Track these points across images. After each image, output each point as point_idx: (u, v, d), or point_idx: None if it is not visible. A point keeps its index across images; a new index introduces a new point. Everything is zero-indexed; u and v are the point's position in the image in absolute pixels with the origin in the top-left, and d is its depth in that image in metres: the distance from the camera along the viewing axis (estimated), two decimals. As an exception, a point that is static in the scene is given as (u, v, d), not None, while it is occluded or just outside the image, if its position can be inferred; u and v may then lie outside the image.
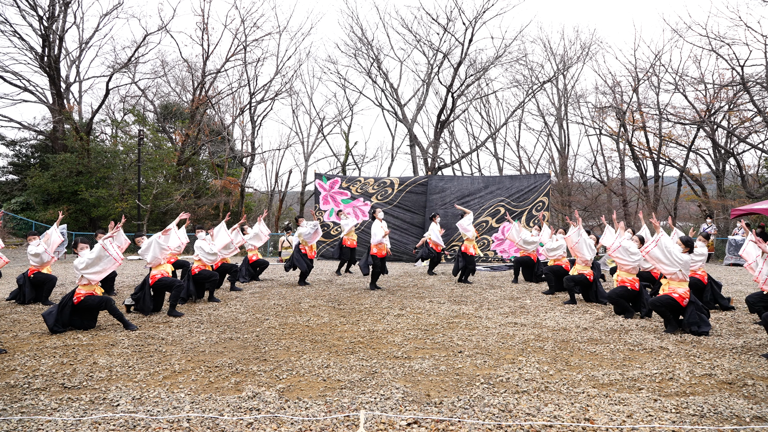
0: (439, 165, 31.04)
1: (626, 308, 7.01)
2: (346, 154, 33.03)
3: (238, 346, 5.36)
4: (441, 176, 21.97)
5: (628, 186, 30.29)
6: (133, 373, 4.39)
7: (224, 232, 9.24)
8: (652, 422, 3.36)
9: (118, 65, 25.52)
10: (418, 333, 5.95)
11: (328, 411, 3.55)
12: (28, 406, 3.64)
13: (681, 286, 6.07)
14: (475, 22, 26.81)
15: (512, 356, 4.98)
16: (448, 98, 28.87)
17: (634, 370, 4.52)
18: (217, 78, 27.83)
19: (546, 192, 15.54)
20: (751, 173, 27.67)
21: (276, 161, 48.71)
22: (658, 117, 27.22)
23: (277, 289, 9.59)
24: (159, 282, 7.17)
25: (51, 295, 8.29)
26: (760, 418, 3.45)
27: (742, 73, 22.73)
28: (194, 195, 26.44)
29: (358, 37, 29.08)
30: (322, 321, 6.65)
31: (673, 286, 6.10)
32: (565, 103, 31.68)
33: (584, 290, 8.41)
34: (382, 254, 9.61)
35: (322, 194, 16.56)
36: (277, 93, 29.79)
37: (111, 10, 25.11)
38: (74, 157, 23.13)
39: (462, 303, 8.03)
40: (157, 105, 29.21)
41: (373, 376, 4.34)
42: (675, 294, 6.04)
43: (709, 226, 16.82)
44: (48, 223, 21.28)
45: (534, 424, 3.32)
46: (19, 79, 23.60)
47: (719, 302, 7.69)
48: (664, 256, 6.08)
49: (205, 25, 26.34)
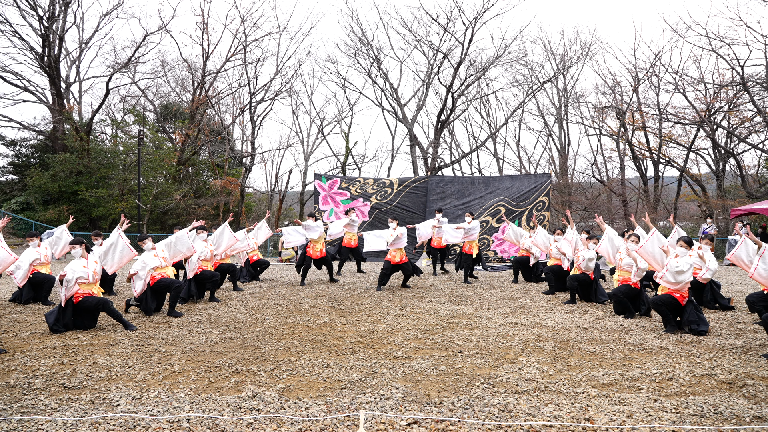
0: (439, 165, 31.05)
1: (627, 308, 7.01)
2: (346, 154, 33.04)
3: (238, 346, 5.36)
4: (441, 176, 21.98)
5: (628, 186, 30.30)
6: (133, 373, 4.39)
7: (228, 233, 9.17)
8: (652, 422, 3.36)
9: (118, 65, 25.53)
10: (418, 333, 5.95)
11: (328, 411, 3.55)
12: (28, 406, 3.64)
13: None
14: (475, 22, 26.82)
15: (512, 356, 4.98)
16: (448, 98, 28.89)
17: (634, 370, 4.52)
18: (217, 78, 27.86)
19: (546, 192, 15.54)
20: (751, 173, 27.67)
21: (276, 161, 48.74)
22: (658, 117, 27.24)
23: (277, 289, 9.59)
24: (158, 283, 7.17)
25: (51, 295, 8.29)
26: (760, 418, 3.45)
27: (742, 73, 22.74)
28: (194, 195, 26.45)
29: (358, 37, 29.11)
30: (322, 321, 6.65)
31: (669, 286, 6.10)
32: (565, 103, 31.69)
33: (584, 290, 8.41)
34: (395, 261, 9.61)
35: (321, 194, 16.55)
36: (277, 93, 29.81)
37: (111, 10, 25.14)
38: (74, 157, 23.13)
39: (462, 303, 8.03)
40: (157, 105, 29.21)
41: (373, 376, 4.34)
42: (676, 294, 6.05)
43: (709, 226, 16.83)
44: (48, 223, 21.29)
45: (534, 424, 3.32)
46: (19, 79, 23.62)
47: (719, 302, 7.68)
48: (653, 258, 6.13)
49: (205, 25, 26.35)
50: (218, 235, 9.02)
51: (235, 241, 9.29)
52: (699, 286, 7.56)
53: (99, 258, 6.53)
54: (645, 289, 7.72)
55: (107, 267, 6.77)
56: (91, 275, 6.16)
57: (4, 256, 6.05)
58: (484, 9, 26.51)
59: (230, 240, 9.11)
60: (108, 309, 6.06)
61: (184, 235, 7.61)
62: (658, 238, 6.41)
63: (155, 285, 7.17)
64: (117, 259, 6.79)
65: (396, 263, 9.60)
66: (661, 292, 6.28)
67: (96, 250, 6.78)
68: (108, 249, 6.74)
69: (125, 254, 6.83)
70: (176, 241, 7.56)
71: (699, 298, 7.63)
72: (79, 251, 6.19)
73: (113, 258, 6.77)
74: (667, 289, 6.16)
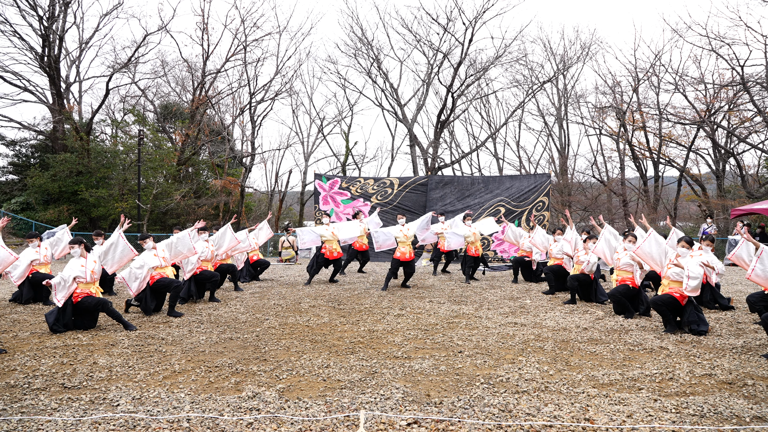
0: (439, 165, 31.05)
1: (626, 308, 7.01)
2: (346, 154, 33.04)
3: (238, 346, 5.36)
4: (441, 176, 21.97)
5: (628, 186, 30.30)
6: (133, 373, 4.39)
7: (230, 234, 9.17)
8: (652, 422, 3.36)
9: (118, 65, 25.52)
10: (418, 333, 5.95)
11: (328, 411, 3.55)
12: (28, 406, 3.64)
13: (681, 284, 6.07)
14: (475, 22, 26.83)
15: (512, 356, 4.98)
16: (448, 98, 28.89)
17: (634, 370, 4.52)
18: (217, 78, 27.85)
19: (546, 192, 15.54)
20: (751, 173, 27.67)
21: (276, 161, 48.73)
22: (658, 117, 27.24)
23: (277, 289, 9.59)
24: (158, 282, 7.17)
25: (51, 294, 8.30)
26: (760, 418, 3.45)
27: (742, 73, 22.74)
28: (194, 195, 26.45)
29: (358, 37, 29.11)
30: (322, 321, 6.65)
31: (674, 286, 6.10)
32: (565, 103, 31.68)
33: (584, 290, 8.41)
34: (404, 258, 9.65)
35: (321, 194, 16.55)
36: (277, 93, 29.80)
37: (111, 10, 25.13)
38: (74, 157, 23.13)
39: (462, 303, 8.03)
40: (157, 105, 29.21)
41: (373, 376, 4.34)
42: (676, 293, 6.05)
43: (709, 226, 16.82)
44: (48, 223, 21.28)
45: (534, 424, 3.32)
46: (19, 79, 23.62)
47: (719, 302, 7.68)
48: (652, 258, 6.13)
49: (205, 25, 26.35)
50: (220, 236, 9.02)
51: (237, 242, 9.29)
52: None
53: (99, 257, 6.53)
54: (645, 289, 7.72)
55: (107, 266, 6.77)
56: (89, 274, 6.16)
57: (5, 255, 6.05)
58: (484, 9, 26.53)
59: (232, 241, 9.11)
60: (107, 309, 6.06)
61: (186, 236, 7.61)
62: (656, 239, 6.41)
63: (155, 285, 7.17)
64: (117, 258, 6.78)
65: (405, 260, 9.62)
66: (661, 291, 6.28)
67: (96, 250, 6.79)
68: (108, 249, 6.74)
69: (125, 254, 6.83)
70: (177, 241, 7.55)
71: (699, 298, 7.63)
72: (78, 251, 6.19)
73: (113, 258, 6.76)
74: (668, 288, 6.16)
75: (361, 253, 11.97)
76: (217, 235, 9.07)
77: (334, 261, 10.47)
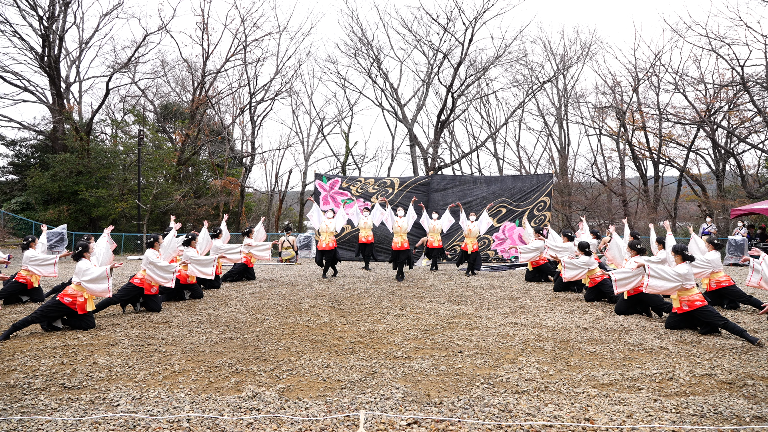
0: (439, 165, 31.05)
1: (635, 310, 7.13)
2: (346, 154, 33.04)
3: (238, 346, 5.36)
4: (442, 176, 21.97)
5: (628, 186, 30.29)
6: (133, 373, 4.39)
7: (225, 233, 9.28)
8: (652, 422, 3.36)
9: (118, 65, 25.54)
10: (418, 333, 5.95)
11: (328, 411, 3.55)
12: (28, 406, 3.64)
13: (691, 293, 6.05)
14: (475, 22, 26.83)
15: (512, 356, 4.98)
16: (448, 98, 28.89)
17: (634, 370, 4.52)
18: (217, 78, 27.86)
19: (548, 192, 15.54)
20: (751, 173, 27.68)
21: (276, 161, 48.80)
22: (658, 117, 27.24)
23: (277, 289, 9.59)
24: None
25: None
26: (760, 418, 3.45)
27: (742, 73, 22.75)
28: (194, 195, 26.45)
29: (358, 37, 29.13)
30: (322, 321, 6.65)
31: (684, 297, 6.08)
32: (565, 103, 31.69)
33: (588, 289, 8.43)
34: (395, 247, 10.71)
35: (322, 194, 16.55)
36: (277, 93, 29.82)
37: (111, 10, 25.15)
38: (74, 157, 23.13)
39: (462, 303, 8.03)
40: (157, 105, 29.22)
41: (373, 376, 4.34)
42: (686, 307, 6.04)
43: (709, 226, 16.82)
44: (48, 223, 21.28)
45: (534, 424, 3.32)
46: (19, 79, 23.63)
47: (738, 302, 7.63)
48: (662, 280, 6.09)
49: (205, 25, 26.35)
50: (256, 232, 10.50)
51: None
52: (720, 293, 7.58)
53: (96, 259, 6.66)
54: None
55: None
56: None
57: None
58: (484, 9, 26.54)
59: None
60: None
61: (172, 239, 8.04)
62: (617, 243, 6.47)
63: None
64: (102, 258, 6.92)
65: (397, 249, 10.60)
66: (674, 306, 6.22)
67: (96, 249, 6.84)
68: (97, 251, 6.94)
69: (107, 253, 7.00)
70: (167, 245, 7.98)
71: (721, 302, 7.61)
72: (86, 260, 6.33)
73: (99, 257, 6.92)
74: (677, 305, 6.12)
75: (365, 247, 12.41)
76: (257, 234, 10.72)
77: (327, 252, 11.12)
